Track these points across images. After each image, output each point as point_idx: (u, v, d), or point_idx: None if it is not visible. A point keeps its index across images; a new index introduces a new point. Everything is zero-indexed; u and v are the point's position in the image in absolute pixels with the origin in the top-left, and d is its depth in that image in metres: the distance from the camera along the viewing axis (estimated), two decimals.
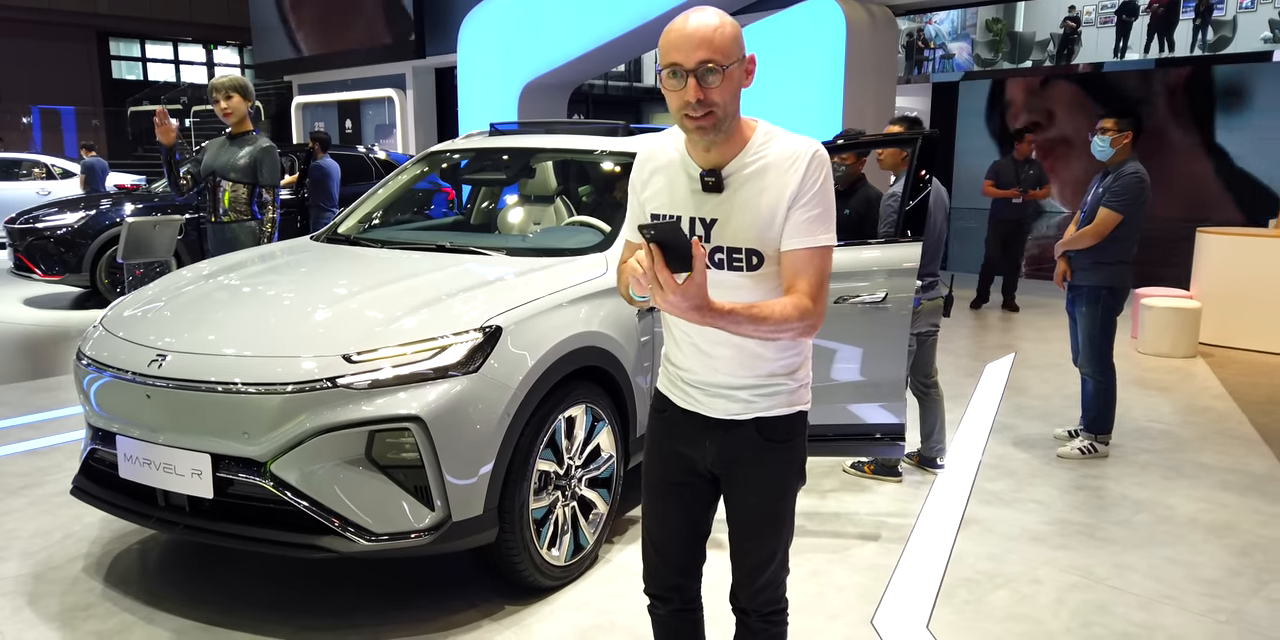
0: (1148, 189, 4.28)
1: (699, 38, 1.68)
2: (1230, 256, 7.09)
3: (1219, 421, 5.15)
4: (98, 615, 2.93)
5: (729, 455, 1.91)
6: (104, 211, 8.47)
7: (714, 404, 1.90)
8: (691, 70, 1.69)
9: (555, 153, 4.36)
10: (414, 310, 2.91)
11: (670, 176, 1.86)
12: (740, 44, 1.73)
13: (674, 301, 1.53)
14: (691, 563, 2.06)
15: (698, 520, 2.03)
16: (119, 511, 2.94)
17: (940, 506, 3.89)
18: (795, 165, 1.76)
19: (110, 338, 3.04)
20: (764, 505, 1.94)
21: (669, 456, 1.99)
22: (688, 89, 1.69)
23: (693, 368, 1.91)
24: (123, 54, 28.51)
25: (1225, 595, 3.14)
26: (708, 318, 1.59)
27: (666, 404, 1.99)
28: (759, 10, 10.05)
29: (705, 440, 1.92)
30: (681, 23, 1.71)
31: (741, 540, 1.98)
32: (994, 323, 8.06)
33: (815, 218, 1.76)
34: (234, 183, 4.51)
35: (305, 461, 2.65)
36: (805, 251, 1.75)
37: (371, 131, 18.21)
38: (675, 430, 1.97)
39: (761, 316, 1.66)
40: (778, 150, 1.78)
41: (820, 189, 1.76)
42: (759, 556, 1.96)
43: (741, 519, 1.97)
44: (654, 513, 2.05)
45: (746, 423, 1.89)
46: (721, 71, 1.69)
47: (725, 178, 1.79)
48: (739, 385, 1.87)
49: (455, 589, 3.12)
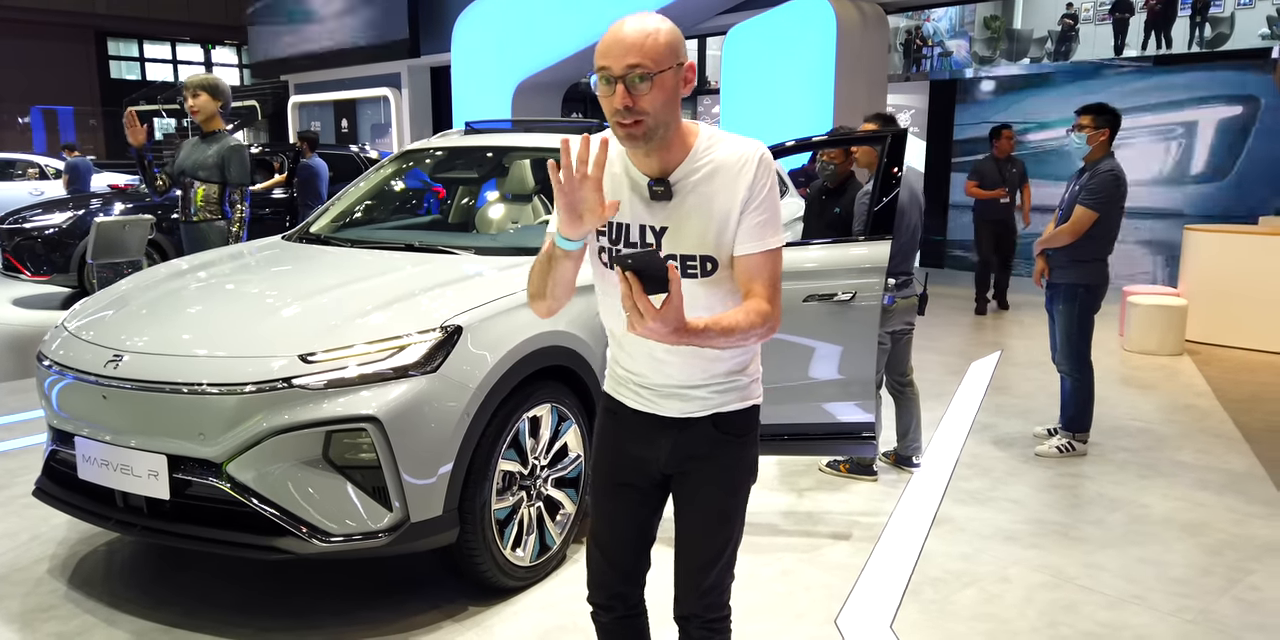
0: (1124, 187, 4.26)
1: (629, 43, 1.66)
2: (1218, 254, 7.06)
3: (1201, 419, 5.13)
4: (59, 617, 2.92)
5: (684, 453, 1.90)
6: (92, 212, 8.46)
7: (669, 404, 1.88)
8: (620, 76, 1.66)
9: (529, 151, 4.34)
10: (374, 310, 2.90)
11: (614, 184, 1.81)
12: (675, 50, 1.70)
13: (654, 327, 1.54)
14: (636, 568, 2.03)
15: (644, 524, 2.01)
16: (79, 513, 2.93)
17: (914, 505, 3.88)
18: (744, 169, 1.74)
19: (70, 338, 3.03)
20: (715, 500, 1.92)
21: (620, 458, 1.97)
22: (615, 96, 1.67)
23: (643, 372, 1.89)
24: (121, 54, 28.55)
25: (1194, 594, 3.12)
26: (684, 338, 1.59)
27: (617, 405, 1.97)
28: (749, 8, 10.03)
29: (660, 439, 1.90)
30: (617, 27, 1.68)
31: (689, 538, 1.95)
32: (982, 321, 8.04)
33: (765, 221, 1.75)
34: (204, 182, 4.50)
35: (261, 462, 2.64)
36: (759, 256, 1.75)
37: (368, 130, 18.21)
38: (628, 431, 1.94)
39: (730, 328, 1.67)
40: (724, 154, 1.76)
41: (768, 193, 1.75)
42: (706, 555, 1.93)
43: (691, 515, 1.94)
44: (601, 515, 2.03)
45: (703, 419, 1.88)
46: (651, 79, 1.66)
47: (673, 185, 1.76)
48: (693, 385, 1.86)
49: (419, 589, 3.11)
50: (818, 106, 9.15)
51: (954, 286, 9.91)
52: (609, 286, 1.87)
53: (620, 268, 1.51)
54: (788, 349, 3.48)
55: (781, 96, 9.37)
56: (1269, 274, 6.76)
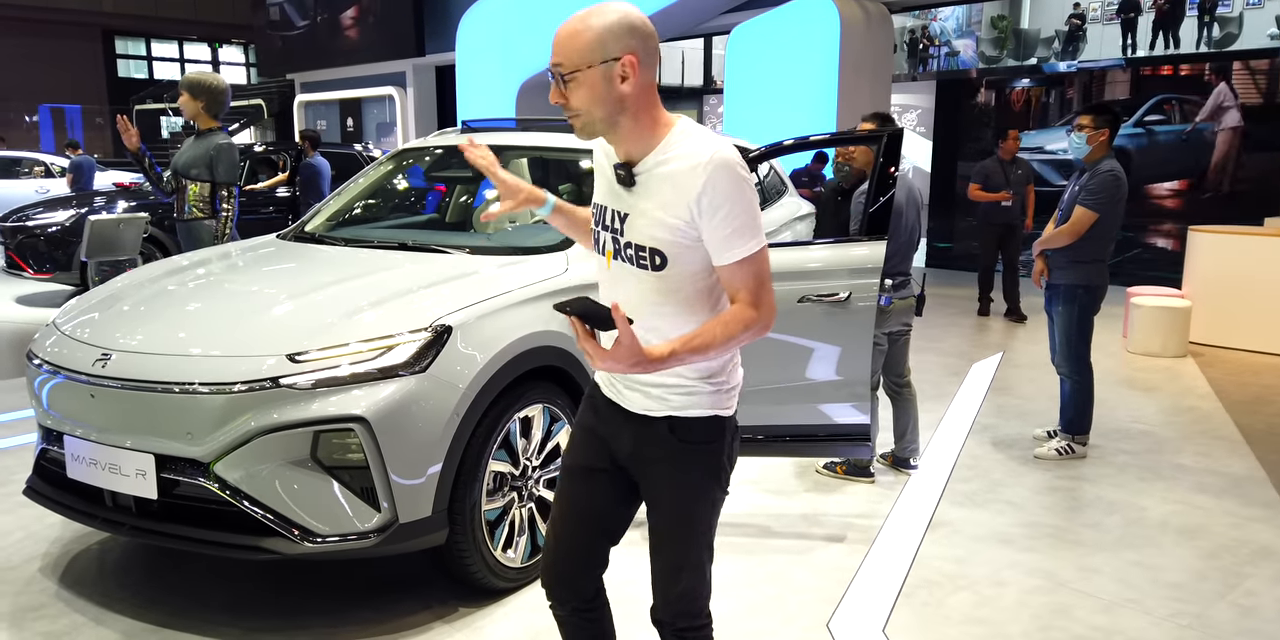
0: (1124, 187, 4.23)
1: (556, 41, 1.71)
2: (1222, 255, 7.01)
3: (1202, 422, 5.09)
4: (48, 616, 2.92)
5: (640, 451, 1.89)
6: (95, 210, 8.47)
7: (631, 397, 1.89)
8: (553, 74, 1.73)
9: (528, 150, 4.33)
10: (363, 309, 2.89)
11: (603, 171, 1.90)
12: (603, 46, 1.68)
13: (609, 365, 1.59)
14: (588, 555, 1.99)
15: (604, 512, 1.97)
16: (68, 512, 2.93)
17: (910, 507, 3.85)
18: (697, 172, 1.69)
19: (61, 337, 3.03)
20: (674, 507, 1.89)
21: (590, 439, 1.98)
22: (553, 91, 1.75)
23: None
24: (129, 52, 28.63)
25: (1190, 599, 3.10)
26: (652, 367, 1.63)
27: (596, 391, 2.00)
28: (753, 8, 10.01)
29: (623, 432, 1.91)
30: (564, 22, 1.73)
31: (655, 541, 1.94)
32: (985, 322, 8.00)
33: (734, 231, 1.70)
34: (195, 180, 4.51)
35: (249, 462, 2.63)
36: (734, 266, 1.73)
37: (373, 129, 18.23)
38: (601, 416, 1.96)
39: (704, 346, 1.67)
40: (684, 151, 1.72)
41: (728, 201, 1.68)
42: (669, 560, 1.91)
43: (655, 517, 1.93)
44: (563, 495, 2.01)
45: (659, 420, 1.86)
46: (572, 77, 1.70)
47: (637, 174, 1.78)
48: (650, 382, 1.85)
49: (409, 590, 3.10)
50: (821, 106, 9.13)
51: (955, 287, 9.86)
52: (597, 268, 1.94)
53: (563, 313, 1.59)
54: (783, 350, 3.46)
55: (785, 96, 9.35)
56: (1274, 275, 6.71)
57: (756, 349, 3.32)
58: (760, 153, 3.80)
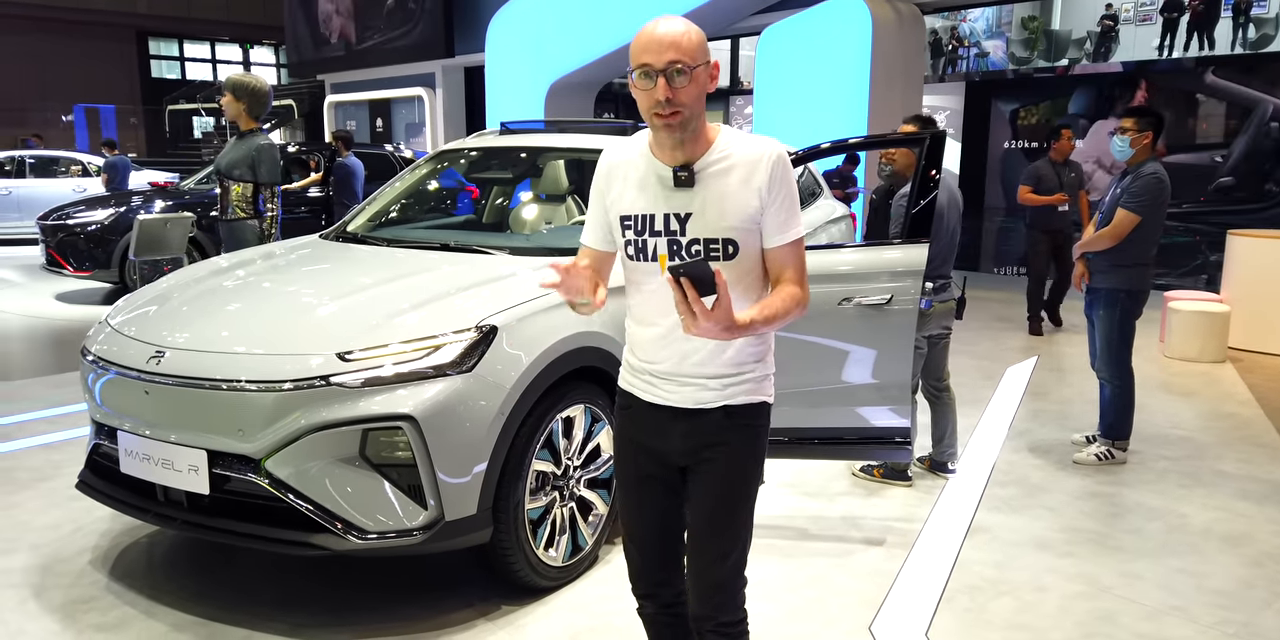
0: (1167, 190, 4.19)
1: (668, 41, 1.81)
2: (1262, 259, 6.92)
3: (1242, 428, 5.03)
4: (99, 608, 2.97)
5: (695, 441, 1.97)
6: (133, 208, 8.60)
7: (683, 393, 1.96)
8: (661, 70, 1.81)
9: (564, 152, 4.35)
10: (411, 309, 2.92)
11: (639, 178, 1.95)
12: (705, 49, 1.86)
13: (708, 327, 1.66)
14: (672, 555, 2.09)
15: (671, 512, 2.06)
16: (120, 506, 2.98)
17: (949, 512, 3.84)
18: (761, 162, 1.89)
19: (114, 334, 3.08)
20: (725, 491, 1.97)
21: (638, 452, 2.05)
22: (657, 88, 1.82)
23: (662, 359, 1.97)
24: (162, 53, 28.99)
25: (1236, 607, 3.07)
26: (736, 333, 1.72)
27: (631, 400, 2.05)
28: (784, 9, 9.98)
29: (672, 431, 1.98)
30: (652, 28, 1.84)
31: (696, 534, 2.02)
32: (1018, 325, 7.93)
33: (787, 216, 1.92)
34: (238, 181, 4.57)
35: (299, 459, 2.67)
36: (786, 247, 1.92)
37: (402, 130, 18.35)
38: (642, 425, 2.02)
39: (773, 316, 1.82)
40: (743, 151, 1.90)
41: (786, 189, 1.91)
42: (714, 551, 1.97)
43: (701, 508, 2.00)
44: (629, 508, 2.10)
45: (715, 409, 1.96)
46: (689, 72, 1.82)
47: (696, 173, 1.90)
48: (710, 374, 1.95)
49: (453, 587, 3.13)
50: (852, 108, 9.08)
51: (994, 290, 9.81)
52: (638, 278, 1.98)
53: (672, 276, 1.63)
54: (823, 353, 3.46)
55: (816, 97, 9.31)
56: None
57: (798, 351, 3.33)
58: (798, 156, 3.80)
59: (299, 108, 22.04)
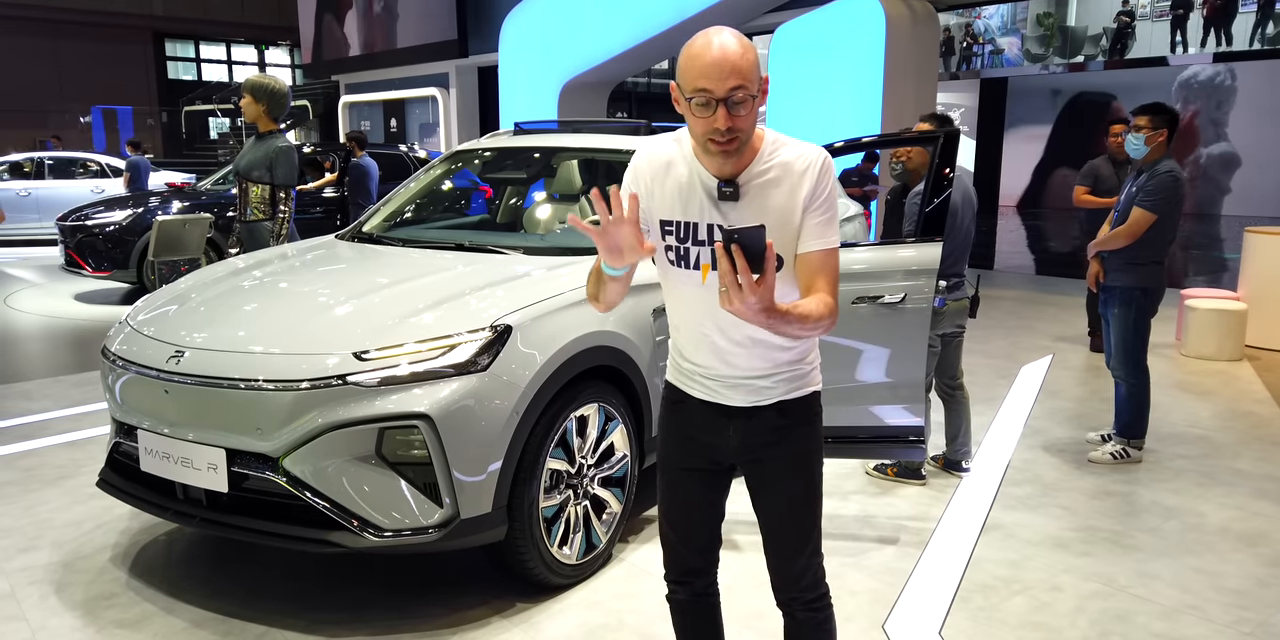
0: (1183, 188, 4.17)
1: (729, 65, 1.71)
2: (1277, 257, 6.87)
3: (1260, 427, 5.00)
4: (120, 604, 3.01)
5: (752, 440, 1.98)
6: (151, 209, 8.68)
7: (735, 394, 1.96)
8: (722, 99, 1.72)
9: (577, 152, 4.37)
10: (426, 309, 2.94)
11: (683, 183, 1.89)
12: (760, 68, 1.78)
13: (750, 303, 1.57)
14: (709, 544, 2.11)
15: (714, 504, 2.09)
16: (140, 504, 3.02)
17: (963, 511, 3.84)
18: (808, 172, 1.84)
19: (134, 334, 3.12)
20: (794, 483, 1.99)
21: (687, 444, 2.05)
22: (718, 117, 1.73)
23: (710, 364, 1.97)
24: (178, 55, 29.20)
25: (1252, 606, 3.05)
26: (771, 318, 1.63)
27: (682, 395, 2.04)
28: (797, 7, 9.98)
29: (727, 428, 1.99)
30: (705, 48, 1.72)
31: (775, 528, 2.03)
32: (1034, 325, 7.90)
33: (827, 221, 1.85)
34: (256, 182, 4.61)
35: (316, 457, 2.69)
36: (821, 253, 1.85)
37: (416, 130, 18.43)
38: (694, 419, 2.02)
39: (806, 316, 1.74)
40: (788, 158, 1.85)
41: (829, 194, 1.85)
42: (795, 542, 2.01)
43: (773, 502, 2.02)
44: (672, 496, 2.10)
45: (768, 407, 1.96)
46: (751, 99, 1.75)
47: (741, 186, 1.85)
48: (757, 375, 1.94)
49: (469, 585, 3.15)
50: (866, 106, 9.06)
51: (1007, 289, 9.78)
52: (675, 283, 1.95)
53: (724, 242, 1.54)
54: (836, 351, 3.46)
55: (829, 96, 9.29)
56: None
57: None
58: None
59: (314, 108, 22.17)
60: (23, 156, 14.20)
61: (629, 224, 1.72)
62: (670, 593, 2.17)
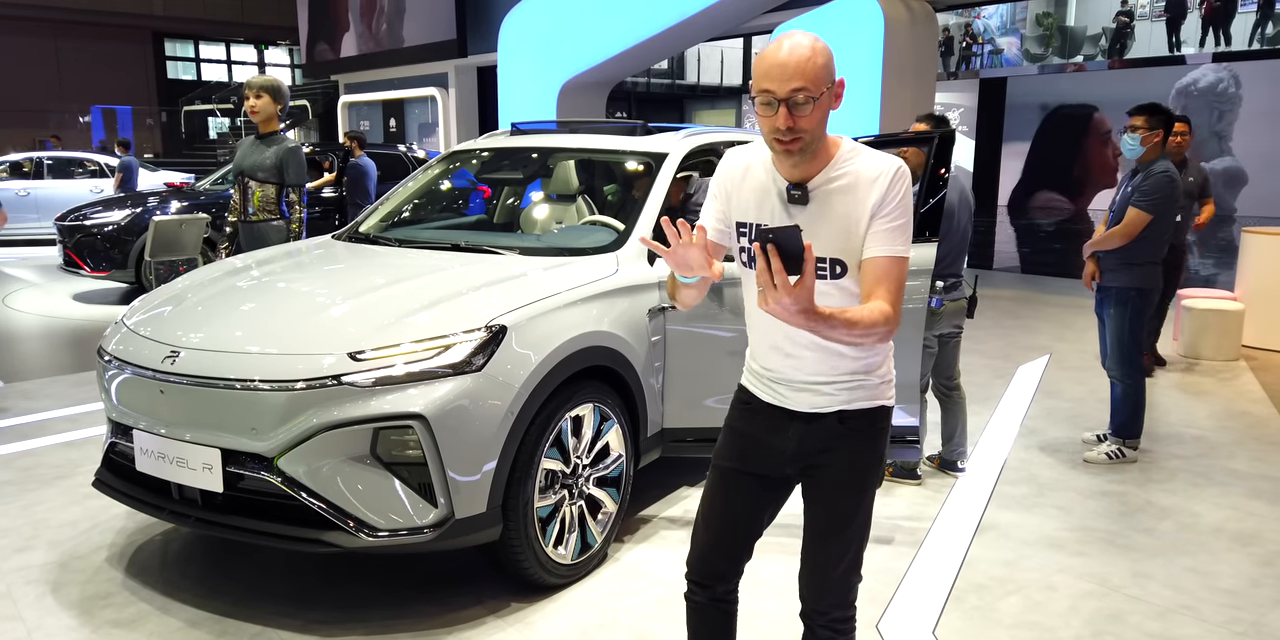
0: (1178, 188, 4.18)
1: (793, 68, 1.77)
2: (1277, 256, 6.87)
3: (1256, 427, 5.01)
4: (116, 604, 3.02)
5: (811, 445, 1.98)
6: (149, 209, 8.68)
7: (799, 398, 1.98)
8: (784, 99, 1.77)
9: (574, 152, 4.38)
10: (421, 309, 2.95)
11: (759, 187, 1.95)
12: (831, 70, 1.81)
13: (786, 303, 1.58)
14: (740, 551, 2.10)
15: (758, 514, 2.08)
16: (136, 504, 3.02)
17: (958, 510, 3.84)
18: (879, 179, 1.85)
19: (130, 334, 3.13)
20: (843, 494, 1.99)
21: (748, 444, 2.06)
22: (779, 117, 1.78)
23: (777, 367, 1.99)
24: (177, 54, 29.22)
25: (1245, 606, 3.06)
26: (811, 321, 1.64)
27: (750, 397, 2.07)
28: (795, 7, 9.99)
29: (789, 431, 2.00)
30: (775, 50, 1.79)
31: (816, 533, 2.03)
32: (1030, 324, 7.91)
33: (897, 228, 1.84)
34: (261, 182, 4.61)
35: (311, 457, 2.70)
36: (886, 259, 1.84)
37: (415, 130, 18.44)
38: (759, 419, 2.04)
39: (853, 321, 1.72)
40: (862, 166, 1.87)
41: (901, 201, 1.85)
42: (832, 550, 2.00)
43: (818, 511, 2.02)
44: (715, 496, 2.10)
45: (830, 415, 1.96)
46: (813, 101, 1.78)
47: (810, 191, 1.88)
48: (823, 381, 1.95)
49: (464, 585, 3.16)
50: (864, 106, 9.07)
51: (1005, 289, 9.78)
52: (750, 285, 1.98)
53: (760, 241, 1.55)
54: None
55: None
56: None
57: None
58: None
59: (313, 108, 22.17)
60: (22, 156, 14.21)
61: (696, 248, 1.79)
62: (689, 592, 2.15)
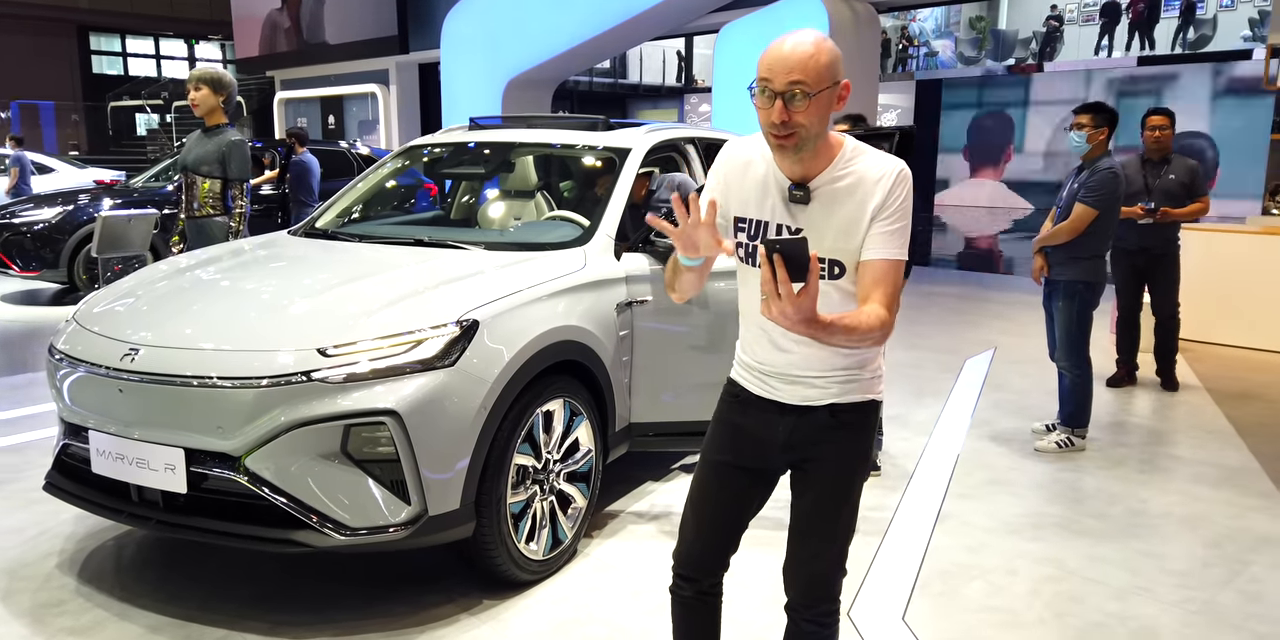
0: (1122, 184, 4.32)
1: (794, 61, 1.77)
2: (1209, 253, 7.14)
3: (1194, 415, 5.20)
4: (70, 612, 2.91)
5: (802, 438, 1.99)
6: (81, 207, 8.40)
7: (790, 391, 1.98)
8: (780, 92, 1.78)
9: (535, 147, 4.35)
10: (390, 304, 2.90)
11: (760, 182, 1.94)
12: (835, 70, 1.81)
13: (789, 312, 1.60)
14: (728, 545, 2.10)
15: (744, 508, 2.09)
16: (92, 507, 2.92)
17: (918, 500, 3.92)
18: (882, 182, 1.85)
19: (83, 332, 3.02)
20: (831, 485, 1.99)
21: (738, 436, 2.06)
22: (774, 110, 1.79)
23: (769, 360, 2.00)
24: (103, 48, 28.28)
25: (1197, 586, 3.18)
26: (812, 328, 1.65)
27: (740, 389, 2.07)
28: (741, 7, 10.06)
29: (779, 424, 2.00)
30: (780, 43, 1.80)
31: (803, 525, 2.03)
32: (976, 320, 8.10)
33: (895, 231, 1.85)
34: (206, 177, 4.49)
35: (280, 456, 2.64)
36: (884, 262, 1.85)
37: (354, 127, 18.15)
38: (749, 412, 2.04)
39: (851, 328, 1.74)
40: (866, 167, 1.87)
41: (901, 205, 1.86)
42: (818, 542, 2.00)
43: (804, 503, 2.02)
44: (706, 488, 2.09)
45: (821, 408, 1.97)
46: (810, 97, 1.78)
47: (812, 191, 1.88)
48: (815, 375, 1.96)
49: (433, 583, 3.12)
50: None
51: (946, 285, 10.00)
52: (747, 278, 1.98)
53: (766, 251, 1.56)
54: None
55: None
56: (1258, 272, 6.85)
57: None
58: None
59: (247, 105, 21.64)
60: None
61: (705, 227, 1.79)
62: (675, 587, 2.15)
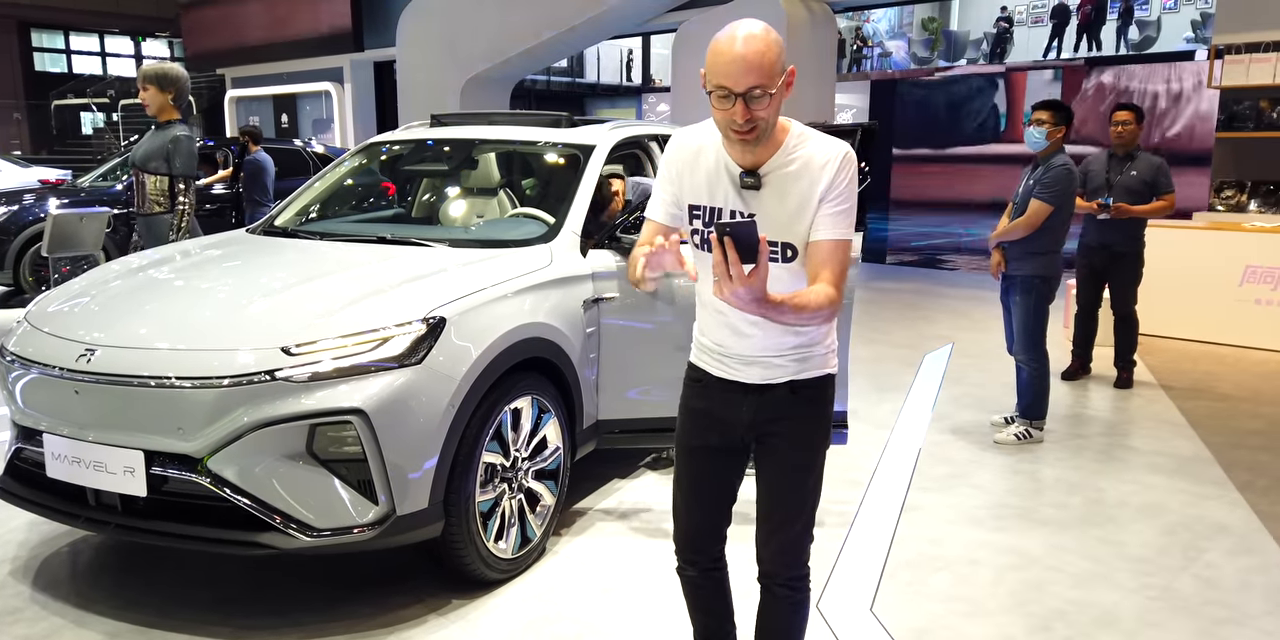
0: (1076, 180, 4.40)
1: (747, 65, 1.80)
2: (1158, 248, 7.29)
3: (1147, 407, 5.32)
4: (25, 619, 2.83)
5: (765, 414, 2.06)
6: (27, 207, 8.19)
7: (750, 371, 2.05)
8: (740, 94, 1.82)
9: (497, 144, 4.33)
10: (355, 302, 2.86)
11: (711, 170, 1.99)
12: (784, 61, 1.86)
13: (740, 293, 1.66)
14: (721, 522, 2.20)
15: (725, 484, 2.17)
16: (47, 512, 2.84)
17: (882, 493, 3.96)
18: (828, 165, 1.91)
19: (35, 333, 2.94)
20: (795, 458, 2.07)
21: (706, 421, 2.13)
22: (736, 110, 1.83)
23: (727, 343, 2.06)
24: (45, 45, 27.58)
25: (1155, 572, 3.25)
26: (764, 308, 1.72)
27: (702, 374, 2.13)
28: (698, 6, 10.09)
29: (743, 404, 2.07)
30: (729, 45, 1.82)
31: (768, 497, 2.11)
32: (931, 315, 8.20)
33: (842, 212, 1.92)
34: (153, 174, 4.40)
35: (243, 457, 2.59)
36: (831, 243, 1.91)
37: (308, 126, 17.89)
38: (712, 396, 2.11)
39: (802, 306, 1.81)
40: (813, 152, 1.93)
41: (848, 186, 1.93)
42: (786, 511, 2.08)
43: (772, 474, 2.10)
44: (686, 475, 2.18)
45: (781, 385, 2.04)
46: (770, 95, 1.83)
47: (763, 177, 1.94)
48: (772, 355, 2.03)
49: (401, 583, 3.08)
50: None
51: (902, 281, 10.11)
52: (703, 265, 2.01)
53: (716, 234, 1.61)
54: None
55: None
56: (1208, 267, 7.03)
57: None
58: None
59: (197, 103, 21.21)
60: None
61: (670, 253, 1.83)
62: (681, 569, 2.26)
